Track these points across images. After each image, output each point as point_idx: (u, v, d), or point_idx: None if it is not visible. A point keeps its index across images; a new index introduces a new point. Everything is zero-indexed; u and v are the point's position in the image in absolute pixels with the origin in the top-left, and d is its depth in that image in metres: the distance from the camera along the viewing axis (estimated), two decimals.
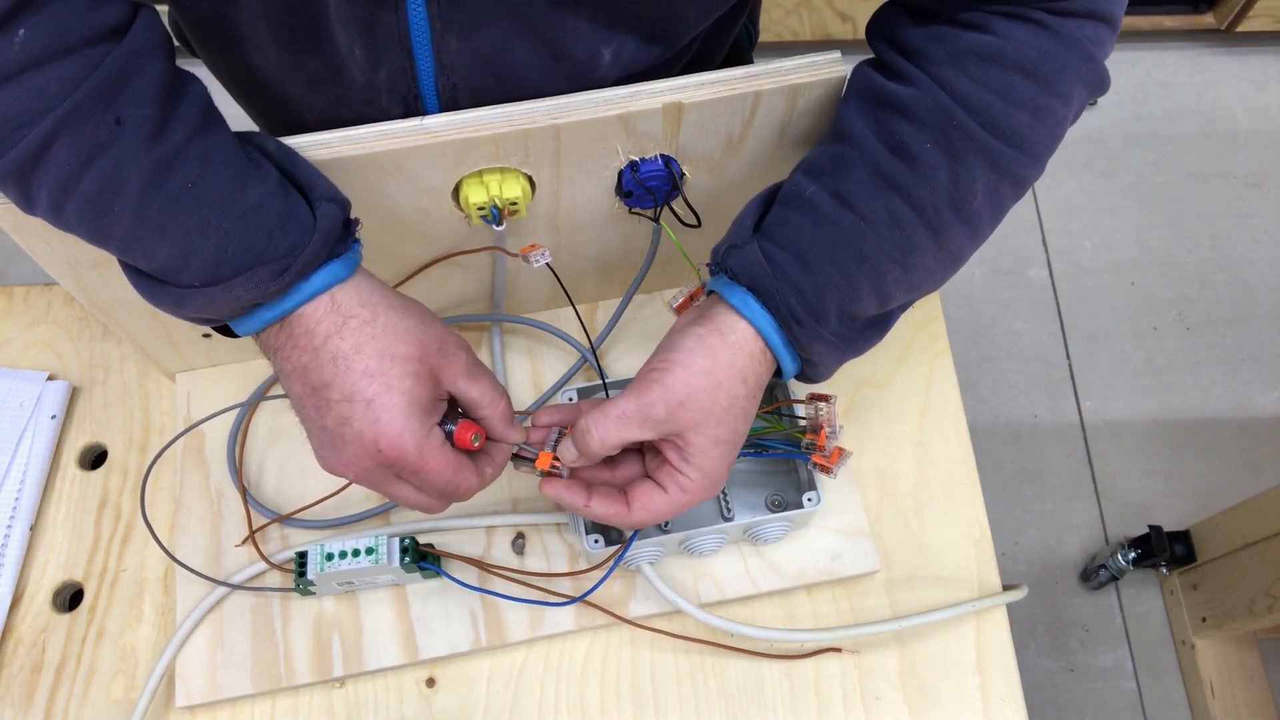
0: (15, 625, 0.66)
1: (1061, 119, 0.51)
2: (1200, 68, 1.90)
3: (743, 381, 0.51)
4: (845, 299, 0.51)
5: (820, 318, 0.51)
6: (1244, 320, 1.67)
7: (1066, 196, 1.76)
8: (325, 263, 0.48)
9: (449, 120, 0.53)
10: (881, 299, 0.52)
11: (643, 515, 0.53)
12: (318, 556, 0.60)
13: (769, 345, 0.52)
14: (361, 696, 0.64)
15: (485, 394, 0.52)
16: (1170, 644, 1.43)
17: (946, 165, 0.50)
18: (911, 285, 0.53)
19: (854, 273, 0.51)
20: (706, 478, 0.52)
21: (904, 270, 0.51)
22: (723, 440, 0.51)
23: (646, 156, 0.58)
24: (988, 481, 0.70)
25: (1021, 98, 0.49)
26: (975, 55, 0.49)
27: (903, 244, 0.51)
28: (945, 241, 0.51)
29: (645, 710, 0.63)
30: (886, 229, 0.50)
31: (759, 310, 0.51)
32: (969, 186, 0.50)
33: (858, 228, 0.50)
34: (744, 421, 0.52)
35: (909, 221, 0.50)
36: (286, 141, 0.51)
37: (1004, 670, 0.65)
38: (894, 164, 0.50)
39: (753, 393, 0.52)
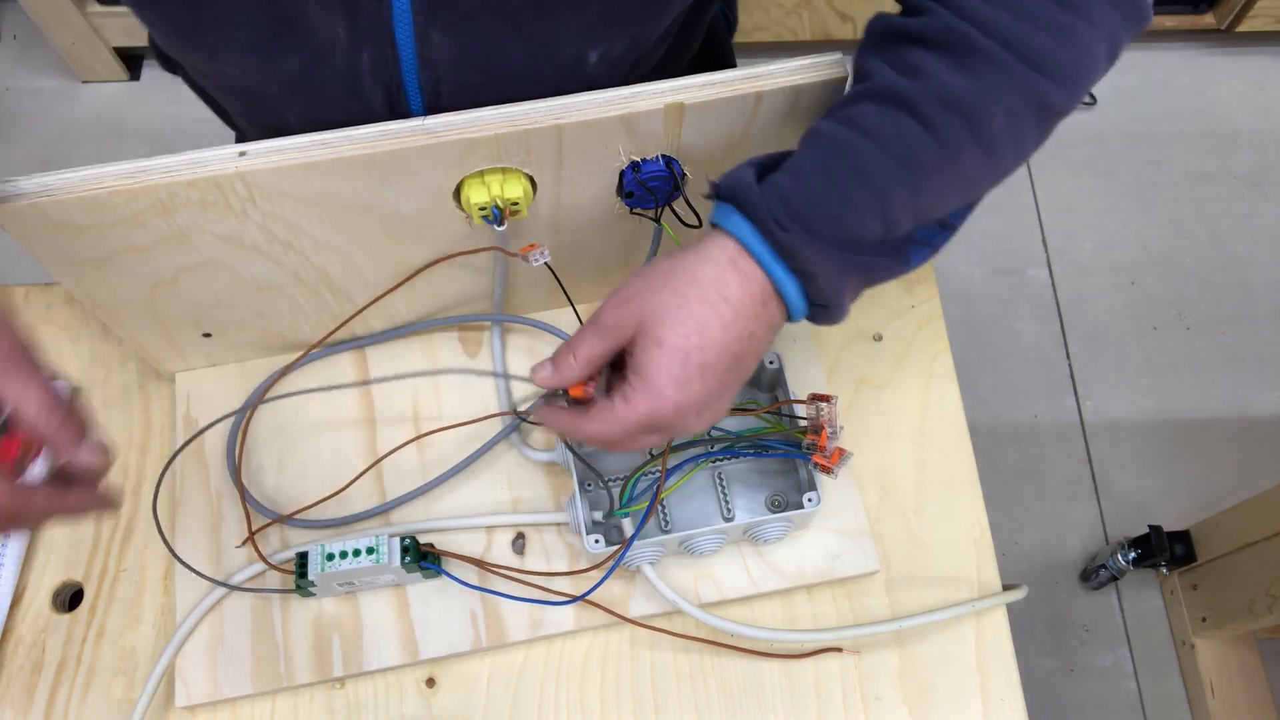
0: (15, 625, 0.65)
1: (1089, 43, 0.48)
2: (1200, 68, 1.90)
3: (696, 284, 0.48)
4: (842, 214, 0.47)
5: (810, 226, 0.47)
6: (1244, 320, 1.67)
7: (1066, 196, 1.76)
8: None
9: (450, 120, 0.53)
10: (887, 222, 0.48)
11: (590, 426, 0.50)
12: (318, 557, 0.60)
13: (754, 256, 0.48)
14: (361, 696, 0.64)
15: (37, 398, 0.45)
16: (1170, 644, 1.43)
17: (961, 82, 0.47)
18: (921, 210, 0.49)
19: (852, 188, 0.47)
20: (646, 385, 0.48)
21: (912, 192, 0.48)
22: (667, 343, 0.47)
23: (648, 157, 0.58)
24: (988, 481, 0.70)
25: (1042, 19, 0.46)
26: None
27: (910, 162, 0.47)
28: (959, 164, 0.48)
29: (645, 710, 0.63)
30: (893, 145, 0.47)
31: (738, 219, 0.48)
32: (986, 106, 0.47)
33: (859, 144, 0.48)
34: (702, 330, 0.48)
35: (917, 138, 0.47)
36: (296, 140, 0.51)
37: (1004, 670, 0.65)
38: (903, 83, 0.47)
39: (723, 299, 0.48)
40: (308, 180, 0.54)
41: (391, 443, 0.69)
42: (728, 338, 0.48)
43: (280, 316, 0.68)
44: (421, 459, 0.69)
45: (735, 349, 0.49)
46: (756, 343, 0.50)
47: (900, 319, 0.75)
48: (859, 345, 0.74)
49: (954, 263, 1.70)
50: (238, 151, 0.52)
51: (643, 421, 0.49)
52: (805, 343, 0.72)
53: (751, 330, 0.49)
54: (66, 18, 1.68)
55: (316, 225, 0.58)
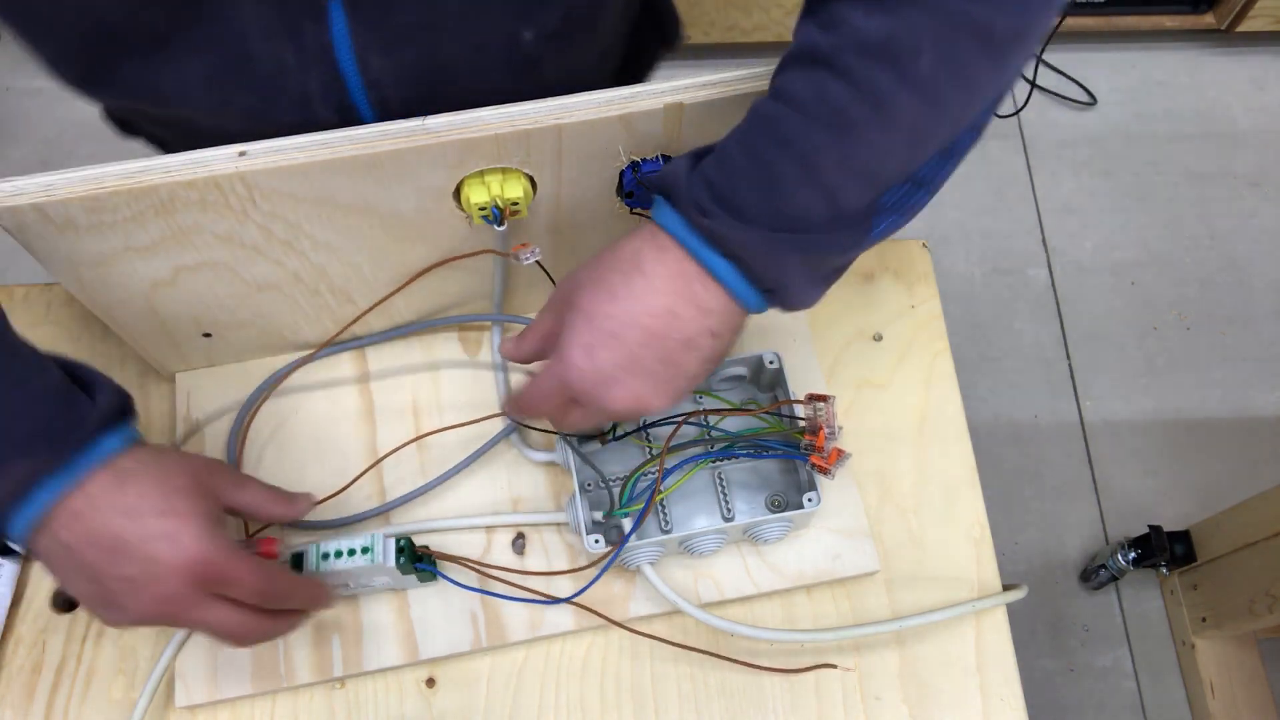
0: (15, 625, 0.65)
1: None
2: (1200, 68, 1.90)
3: (615, 257, 0.50)
4: (768, 191, 0.45)
5: (734, 208, 0.46)
6: (1244, 320, 1.67)
7: (1066, 196, 1.77)
8: (104, 435, 0.49)
9: (450, 120, 0.53)
10: (825, 192, 0.46)
11: (520, 398, 0.56)
12: (313, 556, 0.60)
13: (680, 243, 0.48)
14: (361, 696, 0.64)
15: (258, 494, 0.56)
16: (1170, 644, 1.43)
17: (878, 25, 0.43)
18: (865, 172, 0.46)
19: (776, 161, 0.45)
20: (558, 351, 0.51)
21: (841, 154, 0.45)
22: (581, 308, 0.50)
23: (648, 157, 0.58)
24: (988, 481, 0.70)
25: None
26: None
27: (834, 122, 0.44)
28: (892, 114, 0.44)
29: (645, 710, 0.63)
30: (813, 107, 0.44)
31: (666, 209, 0.49)
32: (909, 46, 0.42)
33: (780, 113, 0.46)
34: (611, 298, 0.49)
35: (838, 95, 0.44)
36: (296, 140, 0.53)
37: (1004, 670, 0.65)
38: (821, 38, 0.44)
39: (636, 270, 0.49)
40: (307, 180, 0.54)
41: (391, 443, 0.69)
42: (638, 309, 0.48)
43: (280, 317, 0.68)
44: (421, 459, 0.69)
45: (649, 323, 0.48)
46: (682, 324, 0.49)
47: (900, 319, 0.75)
48: (859, 345, 0.74)
49: (954, 263, 1.70)
50: (237, 151, 0.52)
51: (557, 388, 0.52)
52: (805, 343, 0.72)
53: (671, 307, 0.48)
54: None
55: (316, 225, 0.58)
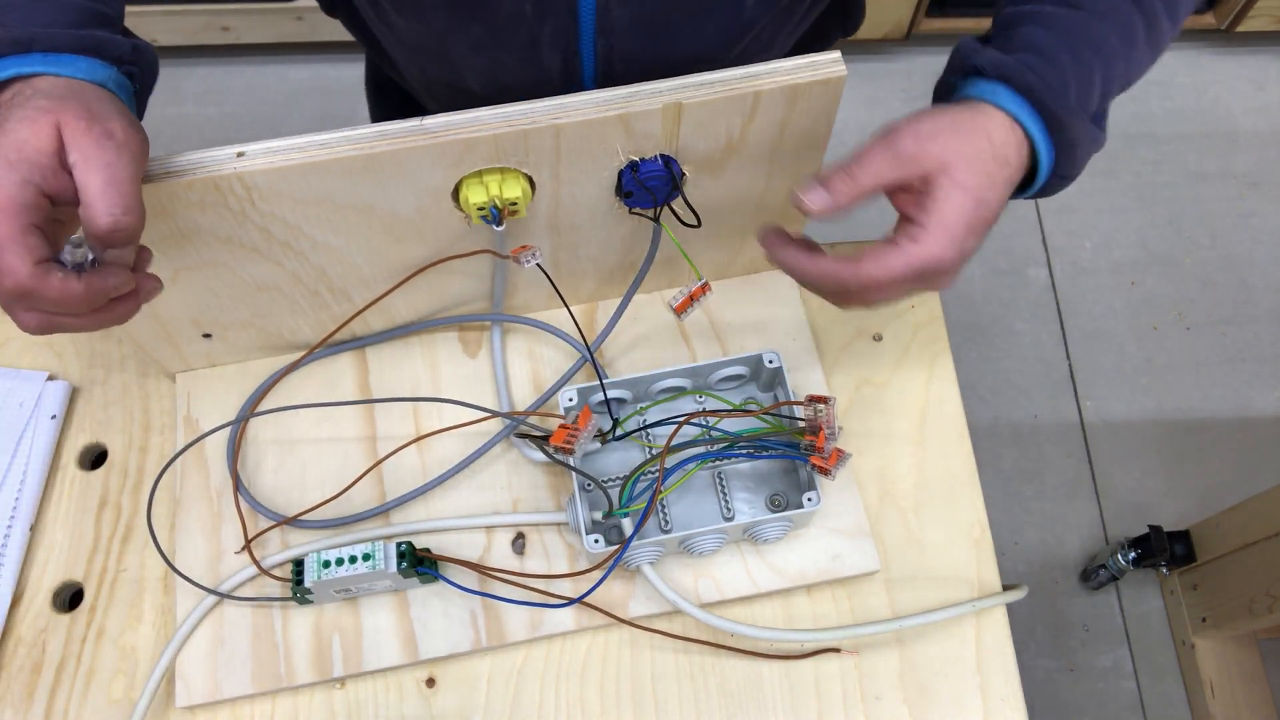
0: (15, 625, 0.66)
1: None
2: (1200, 68, 1.90)
3: (990, 142, 0.49)
4: (1086, 87, 0.51)
5: (1069, 97, 0.50)
6: (1244, 320, 1.67)
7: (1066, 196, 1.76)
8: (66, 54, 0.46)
9: (448, 120, 0.53)
10: (1104, 93, 0.53)
11: (872, 268, 0.49)
12: (314, 565, 0.60)
13: (1026, 131, 0.50)
14: (361, 696, 0.64)
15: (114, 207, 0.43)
16: (1170, 644, 1.43)
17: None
18: (1126, 80, 0.54)
19: (1089, 62, 0.51)
20: (944, 228, 0.48)
21: (1126, 63, 0.53)
22: (969, 188, 0.48)
23: (646, 157, 0.58)
24: (988, 481, 0.70)
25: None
26: None
27: (1127, 34, 0.52)
28: (1156, 34, 0.53)
29: (645, 710, 0.63)
30: (1113, 18, 0.51)
31: (1010, 95, 0.50)
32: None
33: (1087, 21, 0.51)
34: (990, 185, 0.49)
35: (1129, 11, 0.52)
36: (295, 140, 0.52)
37: (1004, 670, 0.65)
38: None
39: (1004, 163, 0.49)
40: (306, 181, 0.54)
41: (391, 443, 0.69)
42: (1002, 199, 0.50)
43: (280, 317, 0.68)
44: (421, 459, 0.69)
45: (999, 211, 0.50)
46: (1002, 210, 0.51)
47: (900, 319, 0.75)
48: (859, 345, 0.74)
49: None
50: (236, 152, 0.52)
51: (926, 265, 0.48)
52: (805, 343, 0.72)
53: (1004, 198, 0.51)
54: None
55: (315, 226, 0.58)
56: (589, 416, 0.58)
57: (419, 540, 0.66)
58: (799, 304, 0.74)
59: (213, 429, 0.68)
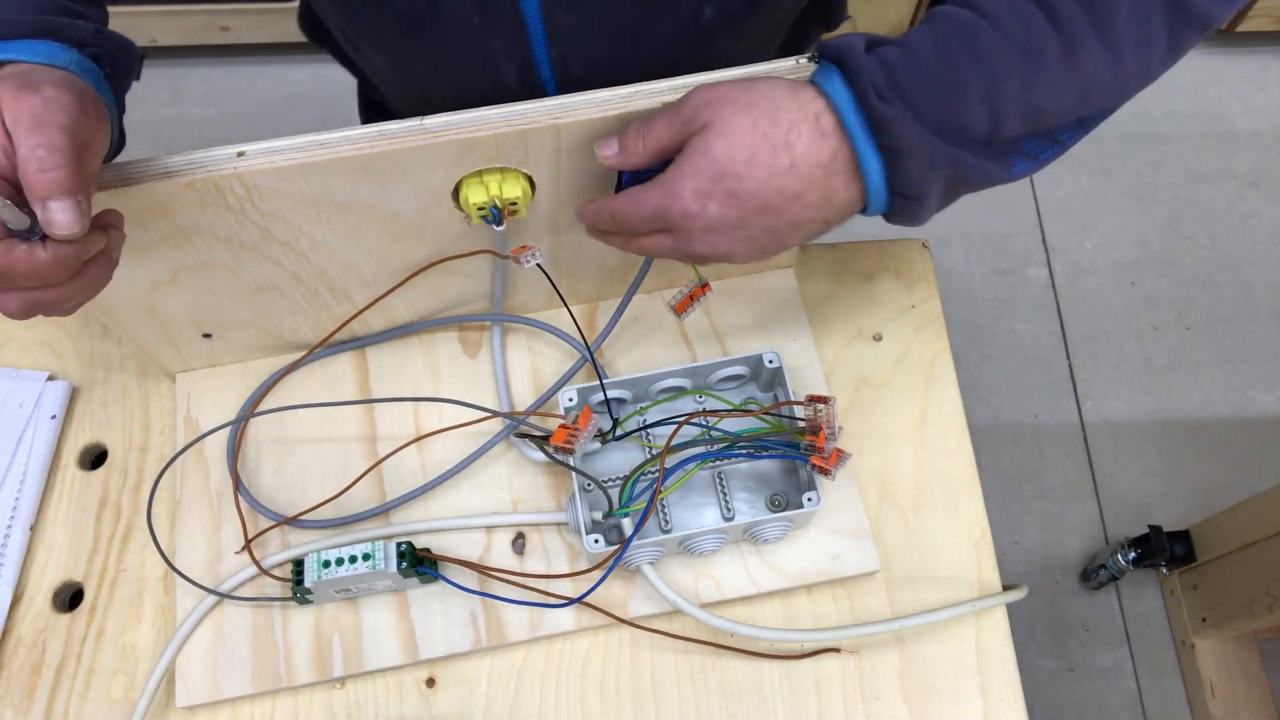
0: (15, 625, 0.66)
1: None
2: (1200, 68, 1.90)
3: (772, 120, 0.47)
4: (949, 95, 0.46)
5: (911, 102, 0.45)
6: (1244, 320, 1.67)
7: (1066, 196, 1.76)
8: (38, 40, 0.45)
9: (448, 120, 0.53)
10: (994, 113, 0.46)
11: (615, 201, 0.51)
12: (314, 565, 0.60)
13: (843, 123, 0.46)
14: (361, 696, 0.64)
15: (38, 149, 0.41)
16: (1170, 644, 1.43)
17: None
18: (1032, 107, 0.47)
19: (964, 68, 0.46)
20: (671, 180, 0.48)
21: (1025, 83, 0.46)
22: (714, 154, 0.47)
23: None
24: (988, 481, 0.70)
25: None
26: None
27: (1029, 49, 0.46)
28: (1078, 59, 0.46)
29: (645, 710, 0.63)
30: (1013, 29, 0.46)
31: (838, 81, 0.47)
32: (1112, 1, 0.45)
33: (978, 25, 0.46)
34: (749, 161, 0.47)
35: (1039, 26, 0.46)
36: (294, 140, 0.52)
37: (1004, 670, 0.65)
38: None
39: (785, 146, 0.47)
40: (306, 181, 0.54)
41: (391, 443, 0.69)
42: (773, 182, 0.47)
43: (280, 317, 0.68)
44: (421, 459, 0.69)
45: (771, 198, 0.48)
46: (801, 206, 0.48)
47: (900, 319, 0.75)
48: (859, 345, 0.74)
49: (954, 263, 1.70)
50: (236, 152, 0.52)
51: (659, 214, 0.49)
52: (805, 343, 0.72)
53: (801, 193, 0.48)
54: None
55: (315, 225, 0.58)
56: (589, 416, 0.58)
57: (419, 540, 0.66)
58: (799, 304, 0.74)
59: (213, 429, 0.68)
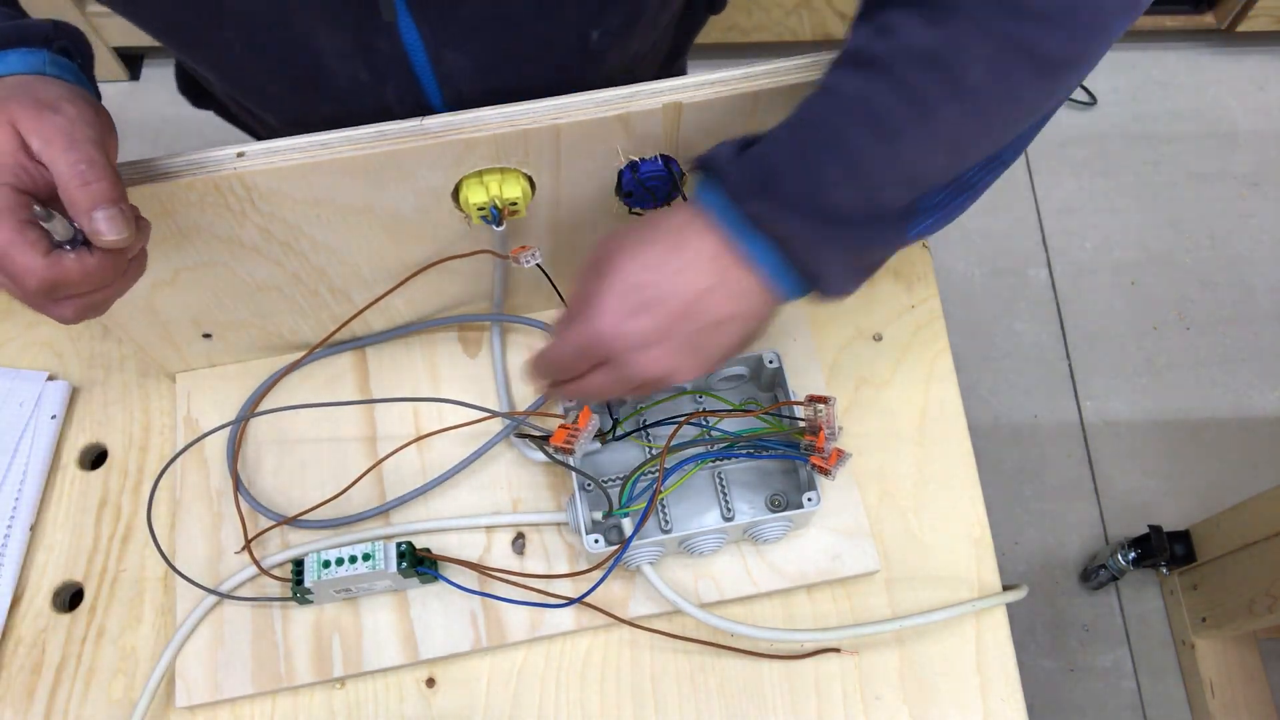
0: (15, 625, 0.66)
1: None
2: (1200, 68, 1.90)
3: (657, 230, 0.50)
4: (815, 182, 0.46)
5: (780, 195, 0.47)
6: (1244, 320, 1.67)
7: (1066, 196, 1.76)
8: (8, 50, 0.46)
9: (449, 121, 0.53)
10: (867, 189, 0.47)
11: (547, 349, 0.54)
12: (314, 565, 0.60)
13: (722, 223, 0.49)
14: (361, 696, 0.64)
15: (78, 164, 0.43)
16: (1170, 644, 1.43)
17: (932, 36, 0.44)
18: (907, 175, 0.47)
19: (823, 155, 0.46)
20: (590, 307, 0.50)
21: (887, 157, 0.46)
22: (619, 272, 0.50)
23: (646, 157, 0.58)
24: (988, 481, 0.70)
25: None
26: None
27: (882, 124, 0.45)
28: (937, 123, 0.45)
29: (645, 710, 0.63)
30: (863, 108, 0.46)
31: (711, 188, 0.49)
32: (961, 58, 0.44)
33: (831, 109, 0.47)
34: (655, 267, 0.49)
35: (888, 99, 0.45)
36: (295, 141, 0.53)
37: (1004, 670, 0.65)
38: (876, 43, 0.46)
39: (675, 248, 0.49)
40: (306, 181, 0.54)
41: (391, 443, 0.69)
42: (677, 282, 0.49)
43: (280, 317, 0.68)
44: (421, 459, 0.69)
45: (684, 301, 0.49)
46: (715, 302, 0.50)
47: (900, 319, 0.75)
48: (859, 345, 0.74)
49: (954, 263, 1.70)
50: (236, 153, 0.52)
51: (588, 344, 0.51)
52: (805, 343, 0.72)
53: (708, 288, 0.49)
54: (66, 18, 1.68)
55: (315, 226, 0.58)
56: (589, 416, 0.58)
57: (419, 540, 0.66)
58: (799, 304, 0.74)
59: (212, 429, 0.68)
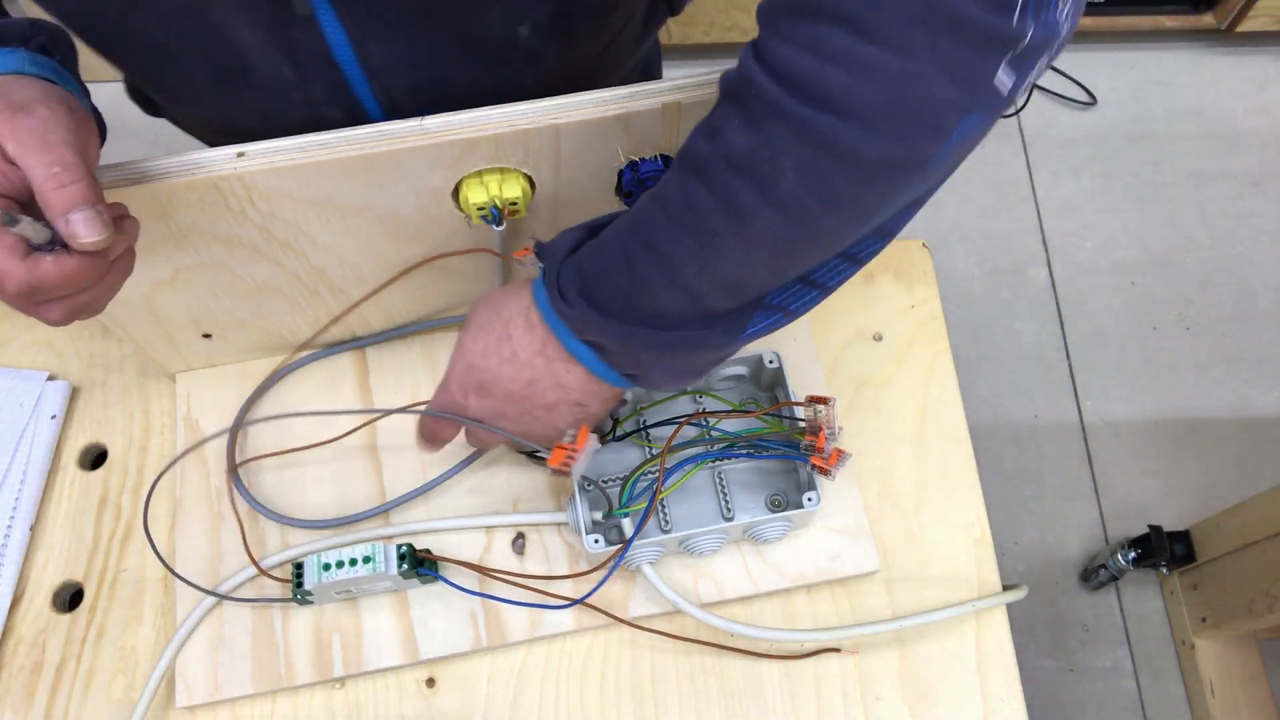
0: (15, 625, 0.66)
1: (901, 75, 0.38)
2: (1200, 68, 1.90)
3: (498, 316, 0.54)
4: (631, 288, 0.47)
5: (596, 300, 0.48)
6: (1244, 320, 1.67)
7: (1066, 196, 1.76)
8: None
9: (449, 120, 0.53)
10: (688, 294, 0.47)
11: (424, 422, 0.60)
12: (314, 567, 0.60)
13: (550, 327, 0.52)
14: (361, 696, 0.64)
15: (52, 166, 0.43)
16: (1170, 644, 1.43)
17: (747, 140, 0.42)
18: (726, 280, 0.47)
19: (641, 260, 0.47)
20: (444, 384, 0.57)
21: (703, 262, 0.45)
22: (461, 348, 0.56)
23: (646, 157, 0.58)
24: (988, 481, 0.70)
25: (834, 51, 0.39)
26: (787, 10, 0.41)
27: (698, 231, 0.45)
28: (754, 230, 0.44)
29: (645, 710, 0.63)
30: (682, 213, 0.45)
31: (539, 288, 0.52)
32: (773, 164, 0.42)
33: (652, 214, 0.47)
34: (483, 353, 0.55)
35: (705, 205, 0.44)
36: (295, 140, 0.53)
37: (1004, 670, 0.65)
38: (700, 146, 0.44)
39: (505, 338, 0.54)
40: (306, 181, 0.54)
41: (392, 440, 0.69)
42: (505, 371, 0.54)
43: (280, 317, 0.68)
44: (421, 459, 0.69)
45: (512, 387, 0.55)
46: (541, 390, 0.54)
47: (900, 319, 0.75)
48: (859, 345, 0.74)
49: (954, 263, 1.70)
50: (236, 153, 0.53)
51: (444, 409, 0.57)
52: (805, 343, 0.72)
53: (532, 379, 0.54)
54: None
55: (315, 226, 0.58)
56: (587, 437, 0.57)
57: (419, 541, 0.66)
58: None
59: (209, 436, 0.68)
